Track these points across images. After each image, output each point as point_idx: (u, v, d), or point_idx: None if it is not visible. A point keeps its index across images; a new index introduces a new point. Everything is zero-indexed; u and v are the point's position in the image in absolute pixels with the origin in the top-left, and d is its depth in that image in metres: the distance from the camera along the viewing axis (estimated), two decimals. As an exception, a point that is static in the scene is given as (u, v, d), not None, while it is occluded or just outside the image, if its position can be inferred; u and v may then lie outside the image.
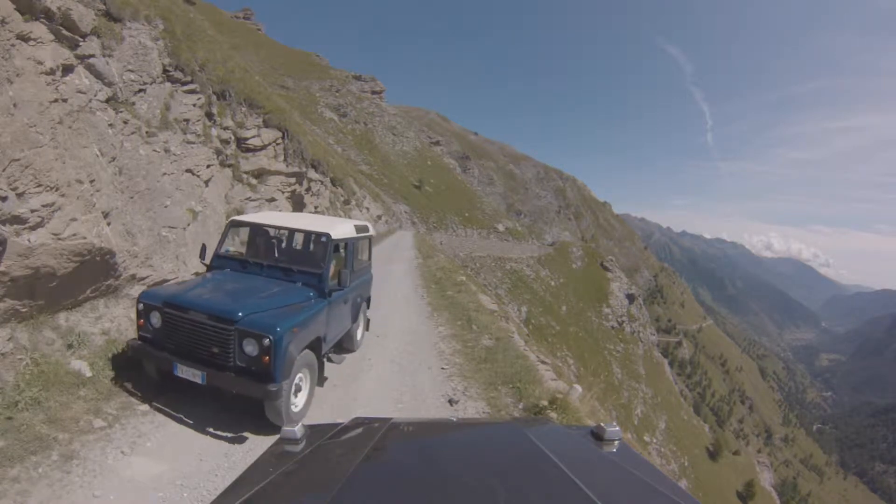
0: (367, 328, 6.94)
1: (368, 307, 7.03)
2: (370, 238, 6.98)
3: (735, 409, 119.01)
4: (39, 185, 3.76)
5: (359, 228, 6.11)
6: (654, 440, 50.19)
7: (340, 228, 5.39)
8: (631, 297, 71.95)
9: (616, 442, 1.73)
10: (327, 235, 5.07)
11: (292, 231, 5.76)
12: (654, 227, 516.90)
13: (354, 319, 6.09)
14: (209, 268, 5.04)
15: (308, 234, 5.71)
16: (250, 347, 3.70)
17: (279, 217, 5.75)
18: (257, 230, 5.51)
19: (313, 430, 1.81)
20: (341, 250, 5.43)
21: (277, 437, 1.76)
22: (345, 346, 6.17)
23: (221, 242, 5.15)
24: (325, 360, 5.05)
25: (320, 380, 4.74)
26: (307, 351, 4.23)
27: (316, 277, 4.81)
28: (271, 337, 3.63)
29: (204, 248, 5.13)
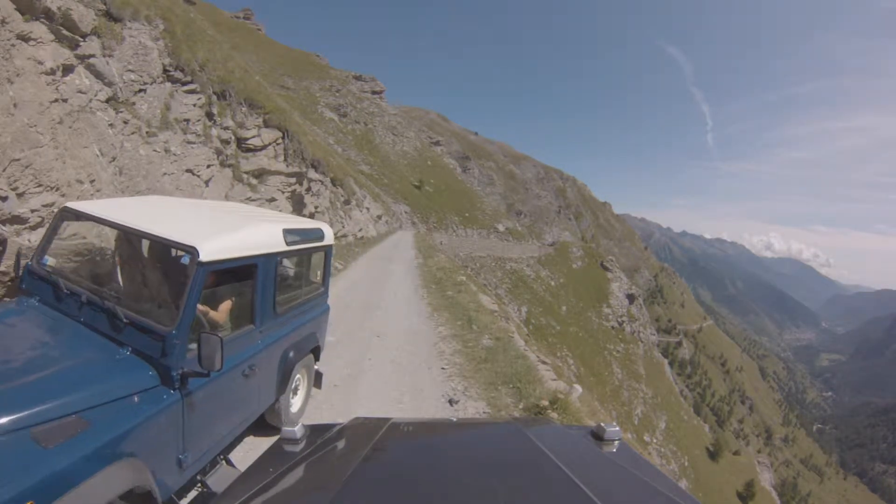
0: (316, 385, 4.32)
1: (318, 358, 4.29)
2: (326, 249, 4.24)
3: (735, 410, 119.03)
4: (39, 185, 3.77)
5: (293, 234, 3.43)
6: (654, 440, 50.20)
7: (234, 237, 2.76)
8: (631, 297, 71.96)
9: (616, 442, 1.73)
10: (192, 252, 2.44)
11: (143, 237, 2.75)
12: (654, 227, 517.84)
13: (283, 390, 3.59)
14: (20, 291, 2.83)
15: (168, 247, 2.99)
16: None
17: (135, 208, 3.07)
18: (118, 231, 2.98)
19: (313, 430, 1.81)
20: (250, 279, 2.97)
21: (277, 437, 1.76)
22: (268, 421, 3.73)
23: (42, 248, 2.84)
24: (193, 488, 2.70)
25: None
26: None
27: (157, 343, 2.29)
28: None
29: (18, 259, 2.90)
